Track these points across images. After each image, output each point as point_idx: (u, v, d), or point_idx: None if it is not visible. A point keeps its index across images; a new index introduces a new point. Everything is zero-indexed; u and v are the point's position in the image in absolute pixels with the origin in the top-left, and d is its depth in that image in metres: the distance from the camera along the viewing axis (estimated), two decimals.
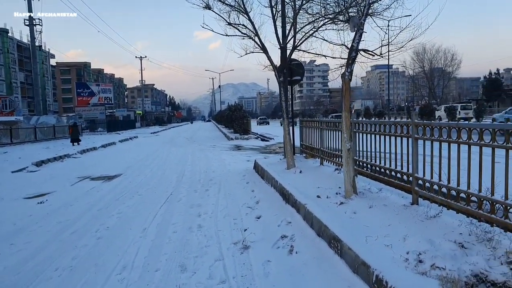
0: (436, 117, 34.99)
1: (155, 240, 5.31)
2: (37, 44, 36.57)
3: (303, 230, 5.09)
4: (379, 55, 6.13)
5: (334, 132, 8.36)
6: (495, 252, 3.50)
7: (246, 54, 9.95)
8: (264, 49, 9.54)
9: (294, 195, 6.19)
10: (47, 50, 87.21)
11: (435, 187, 4.86)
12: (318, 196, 6.32)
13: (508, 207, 3.69)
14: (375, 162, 6.59)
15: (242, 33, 9.62)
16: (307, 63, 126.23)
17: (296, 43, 9.31)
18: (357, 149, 7.33)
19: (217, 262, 4.39)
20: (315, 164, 9.94)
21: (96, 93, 51.87)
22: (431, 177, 4.94)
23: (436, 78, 69.10)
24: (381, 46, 6.06)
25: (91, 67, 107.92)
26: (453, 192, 4.50)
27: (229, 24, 9.53)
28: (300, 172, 8.86)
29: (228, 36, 9.77)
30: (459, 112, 37.90)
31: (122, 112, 66.44)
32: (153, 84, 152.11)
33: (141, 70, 67.80)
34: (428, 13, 5.77)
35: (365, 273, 3.31)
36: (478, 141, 4.03)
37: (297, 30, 9.20)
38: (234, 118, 27.91)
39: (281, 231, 5.23)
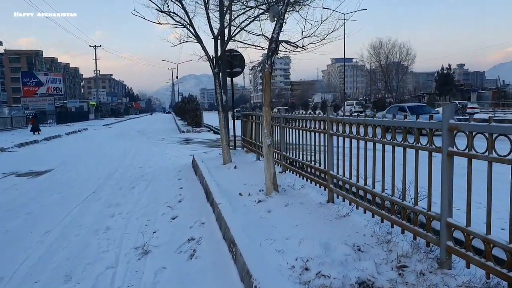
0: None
1: (52, 245, 4.84)
2: None
3: (212, 232, 4.79)
4: (302, 47, 5.89)
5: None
6: (389, 256, 3.33)
7: (180, 43, 9.50)
8: (198, 39, 9.10)
9: (213, 193, 5.88)
10: None
11: (347, 184, 4.69)
12: (240, 194, 6.04)
13: (407, 209, 3.54)
14: (300, 158, 6.40)
15: (176, 21, 9.14)
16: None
17: (231, 33, 8.96)
18: (286, 144, 7.12)
19: (109, 270, 4.00)
20: (253, 159, 9.70)
21: (44, 83, 49.04)
22: (343, 175, 4.77)
23: (392, 72, 70.89)
24: (303, 37, 5.83)
25: (44, 56, 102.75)
26: (362, 191, 4.34)
27: (162, 11, 9.01)
28: (235, 167, 8.57)
29: (161, 24, 9.26)
30: (355, 106, 46.62)
31: (74, 103, 63.48)
32: (111, 75, 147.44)
33: (95, 59, 65.11)
34: (347, 3, 5.57)
35: (248, 283, 3.05)
36: (381, 139, 3.87)
37: (232, 19, 8.84)
38: (186, 110, 27.20)
39: (191, 233, 4.90)
